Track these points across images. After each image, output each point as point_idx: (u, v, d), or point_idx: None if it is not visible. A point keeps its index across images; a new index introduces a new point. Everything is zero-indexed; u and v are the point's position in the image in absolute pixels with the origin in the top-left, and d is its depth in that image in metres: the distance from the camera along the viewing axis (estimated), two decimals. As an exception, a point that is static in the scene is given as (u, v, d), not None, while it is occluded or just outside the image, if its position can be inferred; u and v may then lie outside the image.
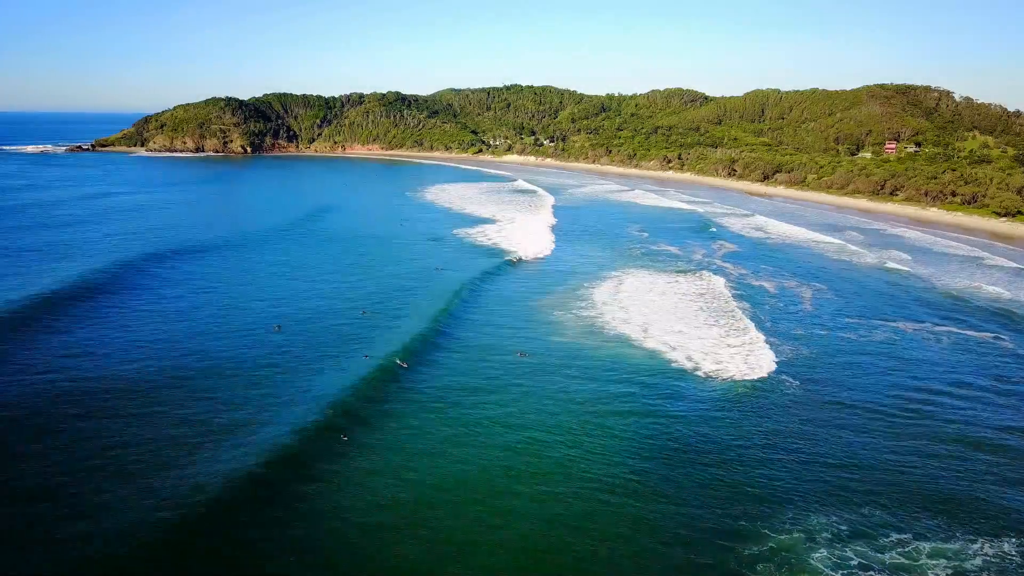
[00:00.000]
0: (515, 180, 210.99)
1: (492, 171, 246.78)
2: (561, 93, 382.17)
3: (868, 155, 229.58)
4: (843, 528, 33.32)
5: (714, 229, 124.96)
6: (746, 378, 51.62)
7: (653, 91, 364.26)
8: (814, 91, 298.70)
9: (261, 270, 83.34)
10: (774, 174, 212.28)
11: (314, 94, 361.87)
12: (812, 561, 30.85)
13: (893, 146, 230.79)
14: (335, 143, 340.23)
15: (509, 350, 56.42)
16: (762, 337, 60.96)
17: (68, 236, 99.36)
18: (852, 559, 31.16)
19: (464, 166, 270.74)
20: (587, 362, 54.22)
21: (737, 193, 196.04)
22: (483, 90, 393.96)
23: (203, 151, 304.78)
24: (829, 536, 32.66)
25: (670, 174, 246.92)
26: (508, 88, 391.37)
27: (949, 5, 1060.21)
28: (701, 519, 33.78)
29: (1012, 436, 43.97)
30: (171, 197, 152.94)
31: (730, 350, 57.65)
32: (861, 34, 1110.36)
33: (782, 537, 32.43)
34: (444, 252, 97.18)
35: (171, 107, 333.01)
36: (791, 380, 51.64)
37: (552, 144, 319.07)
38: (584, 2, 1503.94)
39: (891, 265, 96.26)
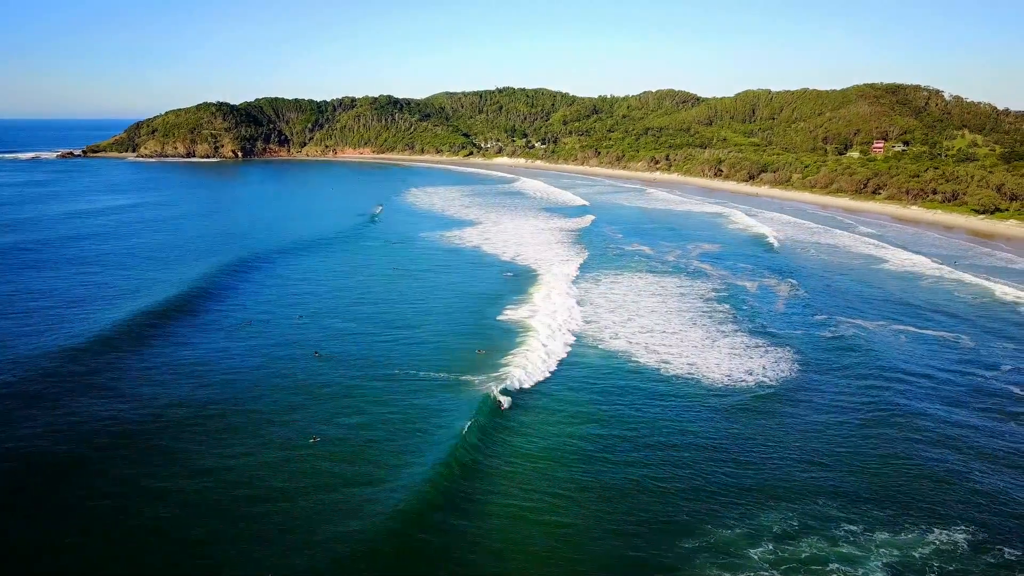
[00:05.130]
0: (516, 181, 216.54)
1: (483, 172, 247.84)
2: (553, 95, 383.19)
3: (856, 154, 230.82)
4: (794, 523, 34.08)
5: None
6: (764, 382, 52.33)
7: (645, 92, 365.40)
8: (804, 91, 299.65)
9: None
10: (759, 174, 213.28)
11: (306, 98, 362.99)
12: (753, 555, 31.68)
13: (881, 145, 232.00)
14: (326, 147, 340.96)
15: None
16: (741, 338, 62.23)
17: (143, 242, 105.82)
18: (804, 551, 31.93)
19: (459, 168, 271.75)
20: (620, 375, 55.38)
21: (725, 193, 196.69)
22: (476, 93, 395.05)
23: (194, 156, 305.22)
24: (778, 531, 33.47)
25: (657, 175, 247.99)
26: (501, 91, 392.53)
27: (943, 4, 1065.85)
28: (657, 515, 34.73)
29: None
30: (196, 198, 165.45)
31: (717, 353, 58.73)
32: (853, 34, 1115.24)
33: (725, 532, 33.26)
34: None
35: (162, 112, 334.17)
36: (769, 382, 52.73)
37: (544, 146, 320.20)
38: (580, 4, 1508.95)
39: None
